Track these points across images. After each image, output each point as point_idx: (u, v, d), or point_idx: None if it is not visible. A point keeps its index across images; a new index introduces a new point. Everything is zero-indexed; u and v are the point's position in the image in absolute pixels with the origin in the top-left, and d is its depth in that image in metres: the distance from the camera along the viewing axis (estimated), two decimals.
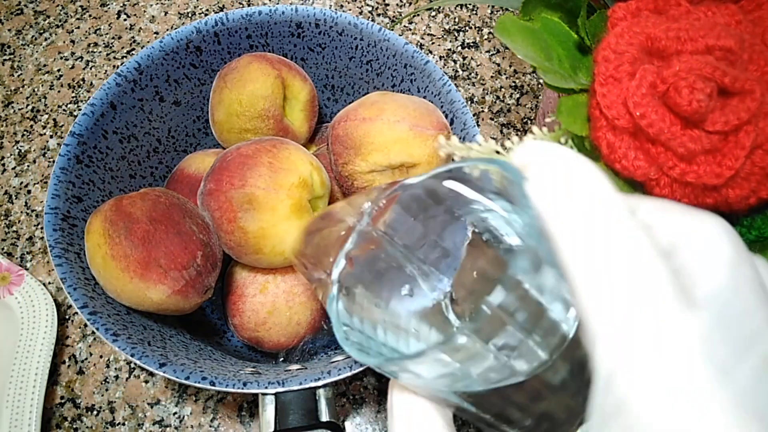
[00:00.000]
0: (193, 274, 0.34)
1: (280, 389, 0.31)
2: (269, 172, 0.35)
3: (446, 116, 0.40)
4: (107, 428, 0.44)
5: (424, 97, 0.41)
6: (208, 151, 0.45)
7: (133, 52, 0.59)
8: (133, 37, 0.60)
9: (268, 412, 0.31)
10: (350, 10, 0.62)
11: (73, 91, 0.57)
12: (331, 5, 0.62)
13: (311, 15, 0.41)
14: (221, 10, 0.61)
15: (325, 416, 0.32)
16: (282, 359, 0.42)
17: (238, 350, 0.42)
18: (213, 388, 0.31)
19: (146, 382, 0.45)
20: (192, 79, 0.43)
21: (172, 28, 0.60)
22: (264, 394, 0.32)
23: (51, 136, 0.55)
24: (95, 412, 0.44)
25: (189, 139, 0.46)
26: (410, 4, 0.62)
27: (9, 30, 0.60)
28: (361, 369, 0.32)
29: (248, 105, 0.40)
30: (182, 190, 0.41)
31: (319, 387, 0.32)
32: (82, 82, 0.57)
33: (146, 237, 0.33)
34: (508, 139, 0.57)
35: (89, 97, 0.57)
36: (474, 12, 0.62)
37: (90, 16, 0.61)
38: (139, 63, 0.39)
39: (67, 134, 0.36)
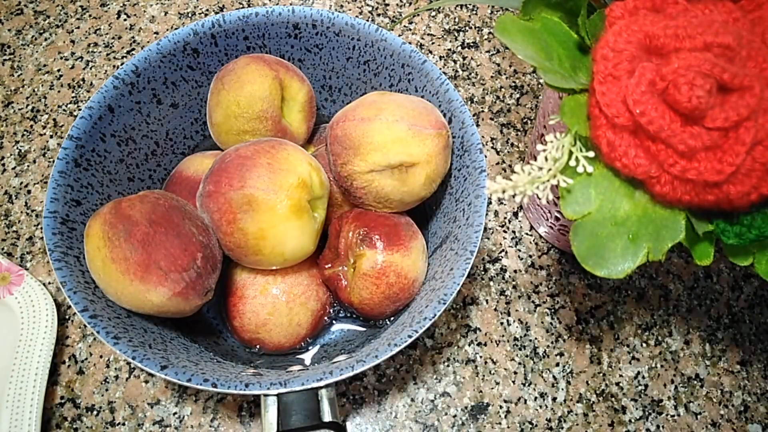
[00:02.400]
0: (194, 276, 0.34)
1: (283, 390, 0.31)
2: (268, 173, 0.35)
3: (444, 115, 0.40)
4: (107, 428, 0.44)
5: (422, 97, 0.41)
6: (207, 153, 0.45)
7: (133, 52, 0.59)
8: (133, 37, 0.60)
9: (270, 413, 0.31)
10: (350, 10, 0.62)
11: (73, 91, 0.57)
12: (331, 5, 0.62)
13: (308, 16, 0.41)
14: (221, 10, 0.61)
15: (327, 416, 0.32)
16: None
17: (237, 352, 0.42)
18: (215, 390, 0.31)
19: (146, 382, 0.45)
20: (189, 81, 0.43)
21: (172, 28, 0.60)
22: (266, 395, 0.32)
23: (51, 136, 0.55)
24: (95, 412, 0.44)
25: (187, 141, 0.46)
26: (410, 4, 0.62)
27: (9, 30, 0.60)
28: (363, 369, 0.32)
29: (246, 106, 0.39)
30: (181, 192, 0.41)
31: (321, 387, 0.32)
32: (82, 82, 0.57)
33: (146, 239, 0.33)
34: (508, 138, 0.57)
35: (89, 98, 0.57)
36: (474, 12, 0.62)
37: (90, 16, 0.61)
38: (136, 66, 0.39)
39: (65, 138, 0.36)
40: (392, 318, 0.41)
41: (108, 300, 0.34)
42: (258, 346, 0.41)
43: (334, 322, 0.45)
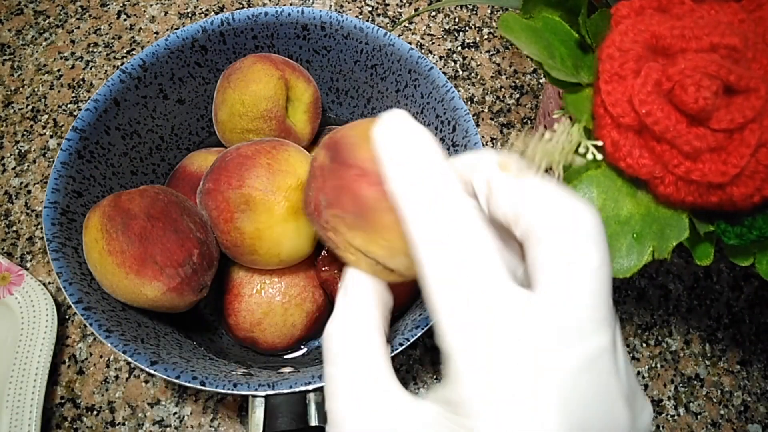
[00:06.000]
0: (189, 272, 0.34)
1: (270, 392, 0.31)
2: (267, 173, 0.35)
3: (448, 123, 0.40)
4: (107, 428, 0.43)
5: (428, 103, 0.41)
6: (211, 150, 0.45)
7: (133, 52, 0.59)
8: (133, 37, 0.60)
9: (257, 414, 0.31)
10: (350, 10, 0.62)
11: (73, 91, 0.57)
12: (331, 5, 0.62)
13: (317, 17, 0.41)
14: (221, 10, 0.61)
15: (314, 421, 0.31)
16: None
17: (232, 350, 0.42)
18: (203, 388, 0.31)
19: (146, 382, 0.45)
20: (197, 77, 0.43)
21: (172, 28, 0.60)
22: (254, 396, 0.32)
23: (51, 136, 0.55)
24: (95, 412, 0.44)
25: (192, 137, 0.46)
26: (410, 4, 0.62)
27: (9, 30, 0.60)
28: None
29: (251, 105, 0.39)
30: (183, 187, 0.41)
31: (310, 391, 0.31)
32: (82, 82, 0.57)
33: (143, 233, 0.33)
34: (508, 139, 0.57)
35: (89, 98, 0.57)
36: (474, 12, 0.62)
37: (90, 16, 0.61)
38: (144, 60, 0.39)
39: (70, 129, 0.36)
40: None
41: (103, 293, 0.34)
42: (252, 345, 0.41)
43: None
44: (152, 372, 0.31)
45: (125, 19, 0.61)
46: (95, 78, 0.57)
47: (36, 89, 0.57)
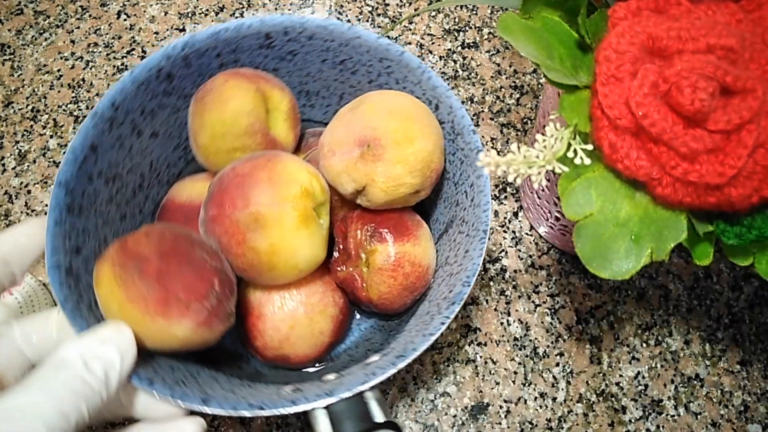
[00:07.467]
0: (214, 303, 0.33)
1: (332, 399, 0.30)
2: (270, 187, 0.35)
3: (430, 102, 0.40)
4: (107, 428, 0.43)
5: (404, 88, 0.41)
6: (196, 177, 0.43)
7: (133, 52, 0.59)
8: (133, 37, 0.60)
9: (321, 425, 0.31)
10: (350, 10, 0.62)
11: (73, 91, 0.57)
12: (331, 5, 0.62)
13: (279, 24, 0.41)
14: (221, 10, 0.61)
15: (379, 417, 0.31)
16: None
17: (262, 371, 0.41)
18: (262, 413, 0.30)
19: None
20: (166, 107, 0.41)
21: (172, 28, 0.60)
22: (315, 409, 0.31)
23: (51, 136, 0.55)
24: None
25: (171, 169, 0.45)
26: (410, 4, 0.62)
27: (9, 30, 0.60)
28: (405, 363, 0.31)
29: (232, 123, 0.38)
30: (177, 220, 0.40)
31: (367, 390, 0.31)
32: (82, 82, 0.57)
33: (160, 273, 0.31)
34: (509, 139, 0.57)
35: (89, 98, 0.57)
36: (474, 12, 0.62)
37: (90, 16, 0.61)
38: (113, 99, 0.37)
39: (54, 185, 0.34)
40: (412, 309, 0.41)
41: None
42: (284, 363, 0.40)
43: (353, 324, 0.45)
44: (208, 411, 0.30)
45: (125, 19, 0.61)
46: (95, 78, 0.57)
47: (36, 89, 0.57)
